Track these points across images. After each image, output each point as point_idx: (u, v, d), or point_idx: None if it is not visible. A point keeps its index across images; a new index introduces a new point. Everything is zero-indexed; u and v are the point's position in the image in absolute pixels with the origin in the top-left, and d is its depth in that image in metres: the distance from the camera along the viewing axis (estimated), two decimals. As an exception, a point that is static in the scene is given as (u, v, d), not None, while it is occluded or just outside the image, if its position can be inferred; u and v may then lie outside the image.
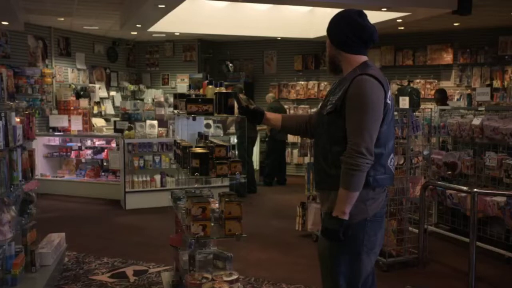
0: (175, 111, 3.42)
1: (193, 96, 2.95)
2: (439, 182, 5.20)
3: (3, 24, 7.34)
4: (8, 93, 3.73)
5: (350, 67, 2.36)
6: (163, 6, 6.13)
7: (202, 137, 3.31)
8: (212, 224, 2.93)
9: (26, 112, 4.08)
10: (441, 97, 7.63)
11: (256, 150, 9.15)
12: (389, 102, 2.29)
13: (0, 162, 3.33)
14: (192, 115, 2.75)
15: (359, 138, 2.19)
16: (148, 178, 7.33)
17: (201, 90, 3.30)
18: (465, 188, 4.40)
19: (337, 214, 2.23)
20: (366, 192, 2.26)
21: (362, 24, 2.36)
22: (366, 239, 2.30)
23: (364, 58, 2.39)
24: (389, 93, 2.31)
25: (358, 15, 2.39)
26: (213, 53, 11.13)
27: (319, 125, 2.47)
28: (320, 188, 2.50)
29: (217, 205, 3.21)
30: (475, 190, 4.09)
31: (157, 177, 7.38)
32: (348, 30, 2.35)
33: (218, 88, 2.94)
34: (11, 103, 3.67)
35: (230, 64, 10.73)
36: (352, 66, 2.35)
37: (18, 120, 3.86)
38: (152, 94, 10.37)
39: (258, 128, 8.97)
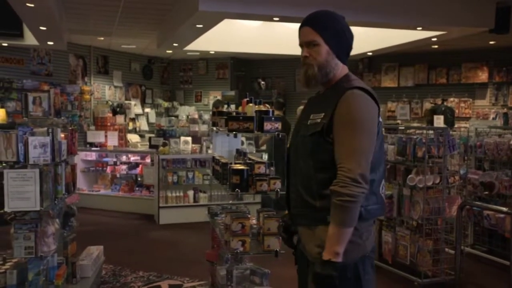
0: (215, 128, 3.51)
1: (234, 114, 3.03)
2: (477, 202, 5.11)
3: (48, 44, 7.67)
4: (54, 110, 3.90)
5: (335, 79, 2.06)
6: (201, 26, 6.29)
7: (240, 153, 3.38)
8: (250, 240, 2.97)
9: (70, 128, 4.24)
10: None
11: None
12: (380, 120, 2.00)
13: (47, 176, 3.47)
14: (234, 132, 2.82)
15: (353, 163, 1.85)
16: (181, 194, 7.44)
17: (240, 108, 3.38)
18: (504, 209, 4.32)
19: (329, 257, 1.87)
20: (359, 225, 1.93)
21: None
22: (367, 278, 1.98)
23: (346, 68, 2.12)
24: (380, 110, 2.02)
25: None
26: (245, 71, 11.29)
27: (298, 147, 2.09)
28: (300, 224, 2.10)
29: (254, 221, 3.26)
30: (515, 211, 4.02)
31: (190, 193, 7.48)
32: (350, 37, 2.09)
33: (257, 106, 3.02)
34: (58, 119, 3.83)
35: (262, 82, 10.85)
36: (337, 78, 2.06)
37: (62, 135, 4.01)
38: (185, 111, 10.58)
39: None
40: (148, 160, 8.27)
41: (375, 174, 1.97)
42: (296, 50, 8.12)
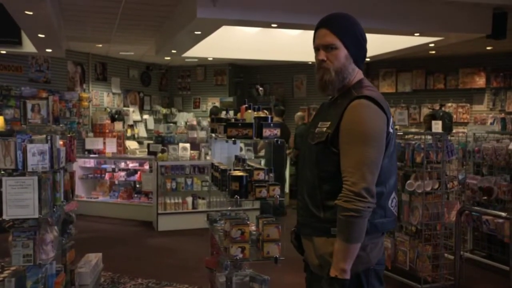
0: (214, 135, 3.51)
1: (232, 120, 3.04)
2: (476, 208, 5.12)
3: (47, 52, 7.68)
4: (53, 117, 3.90)
5: (349, 85, 1.98)
6: (199, 32, 6.31)
7: (239, 160, 3.38)
8: (249, 247, 2.97)
9: (69, 135, 4.23)
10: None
11: (286, 172, 9.17)
12: (391, 131, 1.90)
13: (45, 183, 3.46)
14: (233, 139, 2.82)
15: (357, 177, 1.79)
16: (180, 200, 7.43)
17: (239, 114, 3.38)
18: (503, 214, 4.32)
19: (336, 274, 1.83)
20: None
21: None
22: None
23: (361, 73, 2.04)
24: (391, 120, 1.92)
25: None
26: (244, 77, 11.31)
27: (305, 155, 2.05)
28: (303, 233, 2.07)
29: (253, 228, 3.26)
30: (514, 216, 4.02)
31: (189, 199, 7.47)
32: (365, 41, 2.00)
33: (256, 113, 3.02)
34: (57, 126, 3.82)
35: (260, 88, 10.88)
36: (351, 84, 1.98)
37: (61, 142, 4.01)
38: (184, 117, 10.59)
39: (287, 152, 9.02)
40: (146, 166, 8.26)
41: (384, 187, 1.90)
42: (295, 57, 8.08)
